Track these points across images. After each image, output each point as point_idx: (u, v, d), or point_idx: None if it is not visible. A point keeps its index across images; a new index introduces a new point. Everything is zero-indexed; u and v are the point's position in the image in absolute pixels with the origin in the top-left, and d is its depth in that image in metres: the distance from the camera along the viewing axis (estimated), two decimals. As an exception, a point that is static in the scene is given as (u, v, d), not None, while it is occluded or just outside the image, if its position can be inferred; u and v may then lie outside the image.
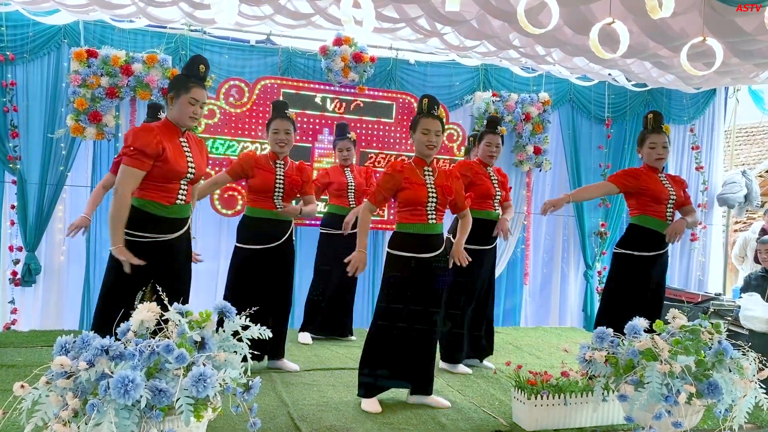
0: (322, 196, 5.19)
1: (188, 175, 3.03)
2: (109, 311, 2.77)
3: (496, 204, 4.17)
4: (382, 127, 5.82)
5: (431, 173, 3.38)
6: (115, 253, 2.88)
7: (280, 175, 3.80)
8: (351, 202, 4.82)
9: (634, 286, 3.76)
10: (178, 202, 3.03)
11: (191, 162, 3.05)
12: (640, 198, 3.79)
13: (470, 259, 3.58)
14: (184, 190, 3.05)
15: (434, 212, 3.34)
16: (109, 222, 2.91)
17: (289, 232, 3.87)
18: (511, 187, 4.52)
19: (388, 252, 3.36)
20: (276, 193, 3.79)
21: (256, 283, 3.77)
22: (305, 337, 4.79)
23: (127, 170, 2.90)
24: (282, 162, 3.84)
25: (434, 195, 3.32)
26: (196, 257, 3.46)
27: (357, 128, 5.62)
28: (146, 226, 2.96)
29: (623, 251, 3.81)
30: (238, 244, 3.84)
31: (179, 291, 3.04)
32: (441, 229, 3.41)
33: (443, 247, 3.39)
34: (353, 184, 4.84)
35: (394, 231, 3.38)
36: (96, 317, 3.02)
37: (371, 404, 3.33)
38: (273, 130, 3.81)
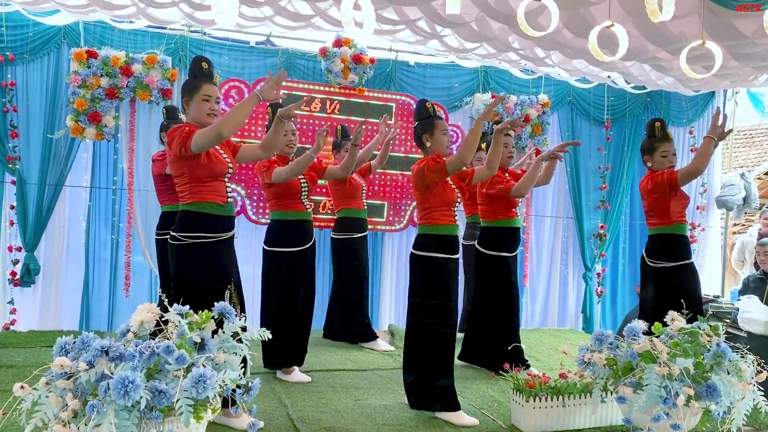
0: (324, 197, 5.20)
1: (229, 170, 3.05)
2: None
3: (518, 211, 4.24)
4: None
5: None
6: (264, 88, 2.87)
7: (300, 175, 3.85)
8: (364, 203, 4.87)
9: (693, 294, 3.66)
10: (230, 200, 3.07)
11: (228, 159, 3.07)
12: (679, 202, 3.73)
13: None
14: (229, 187, 3.08)
15: (455, 213, 3.41)
16: (231, 115, 2.82)
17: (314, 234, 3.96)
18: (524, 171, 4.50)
19: (424, 255, 3.30)
20: (303, 193, 3.87)
21: (296, 285, 3.83)
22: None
23: (198, 132, 2.85)
24: None
25: (459, 196, 3.40)
26: None
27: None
28: (209, 226, 2.96)
29: (679, 263, 3.68)
30: (276, 249, 3.83)
31: (239, 288, 3.11)
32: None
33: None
34: (364, 185, 4.87)
35: (426, 233, 3.33)
36: None
37: (463, 417, 3.24)
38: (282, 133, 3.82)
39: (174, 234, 2.95)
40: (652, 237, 3.82)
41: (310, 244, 3.90)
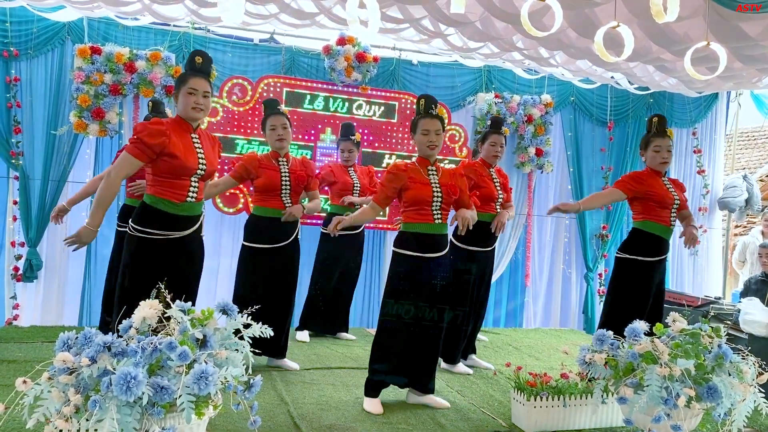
0: (323, 195, 5.20)
1: (198, 171, 3.03)
2: (122, 310, 2.73)
3: (497, 206, 4.17)
4: (384, 127, 5.82)
5: (435, 172, 3.39)
6: (83, 231, 2.90)
7: (284, 172, 3.82)
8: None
9: (637, 291, 3.74)
10: (189, 199, 3.03)
11: (202, 158, 3.04)
12: (645, 203, 3.76)
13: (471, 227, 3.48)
14: (195, 187, 3.05)
15: (439, 212, 3.35)
16: (93, 202, 2.94)
17: (296, 232, 3.90)
18: (512, 188, 4.52)
19: (394, 251, 3.37)
20: (283, 191, 3.81)
21: (265, 281, 3.80)
22: (303, 335, 4.81)
23: (125, 156, 2.93)
24: (284, 159, 3.86)
25: (439, 194, 3.33)
26: None
27: (359, 128, 5.62)
28: (158, 223, 2.97)
29: (626, 256, 3.77)
30: (247, 243, 3.84)
31: (185, 290, 3.04)
32: (446, 229, 3.42)
33: (448, 248, 3.41)
34: (358, 184, 4.86)
35: (400, 230, 3.39)
36: (109, 315, 3.02)
37: (374, 405, 3.31)
38: (270, 127, 3.82)
39: (130, 223, 3.01)
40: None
41: (288, 242, 3.83)
